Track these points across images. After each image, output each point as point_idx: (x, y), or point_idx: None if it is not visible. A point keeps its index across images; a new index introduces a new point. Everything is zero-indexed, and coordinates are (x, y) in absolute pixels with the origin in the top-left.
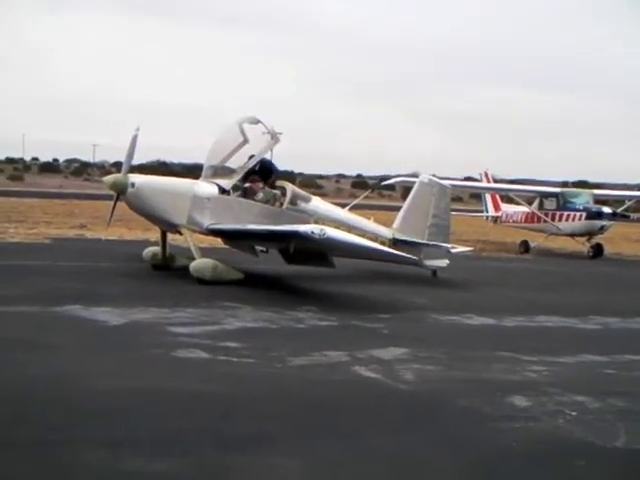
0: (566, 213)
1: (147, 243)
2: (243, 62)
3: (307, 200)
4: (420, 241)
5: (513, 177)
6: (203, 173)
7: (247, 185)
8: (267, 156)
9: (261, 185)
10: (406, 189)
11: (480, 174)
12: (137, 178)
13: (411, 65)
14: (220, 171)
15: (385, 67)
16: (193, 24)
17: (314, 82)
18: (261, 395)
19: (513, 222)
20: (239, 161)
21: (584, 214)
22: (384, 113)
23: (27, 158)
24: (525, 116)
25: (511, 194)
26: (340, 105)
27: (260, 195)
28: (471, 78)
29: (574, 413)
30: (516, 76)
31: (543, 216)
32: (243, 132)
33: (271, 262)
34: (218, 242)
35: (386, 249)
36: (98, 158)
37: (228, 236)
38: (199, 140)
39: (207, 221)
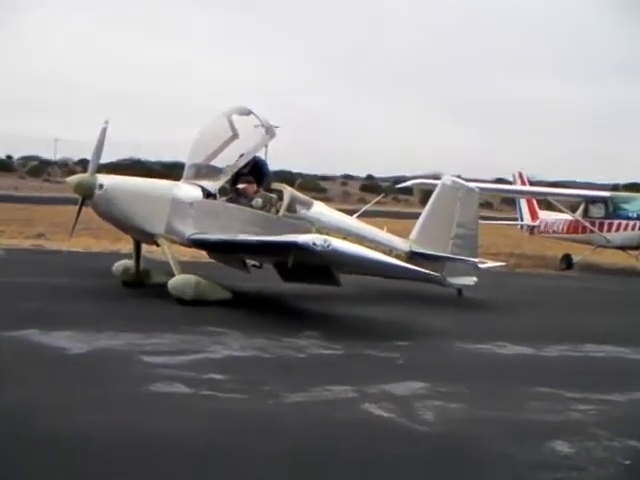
0: (617, 221)
1: (118, 256)
2: (234, 44)
3: (308, 206)
4: (443, 255)
5: (553, 179)
6: (184, 173)
7: (241, 186)
8: (261, 154)
9: (255, 188)
10: (426, 193)
11: (514, 175)
12: (106, 179)
13: (430, 50)
14: (205, 171)
15: (401, 51)
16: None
17: (318, 67)
18: (252, 437)
19: (553, 232)
20: (227, 159)
21: (638, 223)
22: (401, 104)
23: None
24: (568, 108)
25: (551, 199)
26: (348, 95)
27: (259, 201)
28: (503, 63)
29: (627, 462)
30: (558, 61)
31: (589, 225)
32: (232, 125)
33: (265, 279)
34: (202, 255)
35: (402, 264)
36: (60, 155)
37: (214, 248)
38: (180, 134)
39: (189, 230)
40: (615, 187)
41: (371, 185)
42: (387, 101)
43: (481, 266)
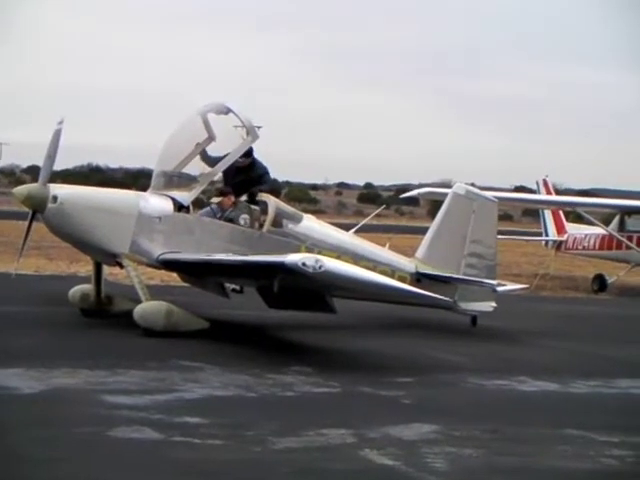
0: None
1: (75, 279)
2: (211, 32)
3: (296, 220)
4: (454, 276)
5: (583, 187)
6: (152, 182)
7: (215, 200)
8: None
9: (233, 199)
10: (434, 204)
11: (537, 182)
12: (61, 190)
13: (438, 36)
14: (176, 180)
15: (404, 40)
16: None
17: (308, 58)
18: None
19: (583, 249)
20: (202, 166)
21: None
22: (404, 100)
23: None
24: (601, 104)
25: (580, 210)
26: (344, 90)
27: (246, 218)
28: (525, 52)
29: None
30: (594, 50)
31: (625, 240)
32: (208, 126)
33: (247, 306)
34: (174, 278)
35: (406, 287)
36: (5, 161)
37: (187, 269)
38: (147, 137)
39: (158, 249)
40: None
41: (370, 195)
42: (393, 99)
43: (499, 289)
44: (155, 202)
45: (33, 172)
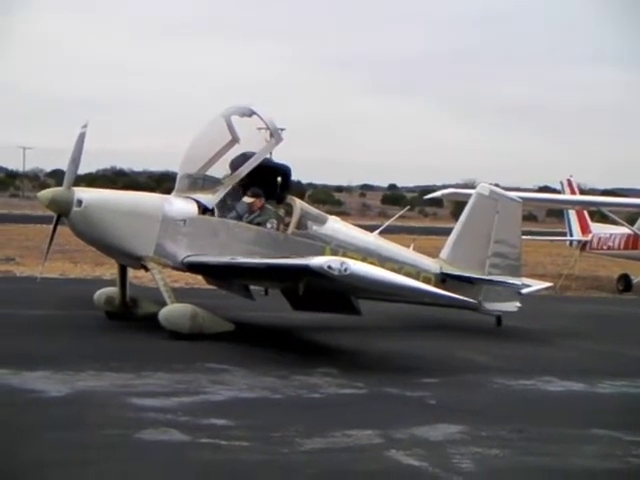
0: None
1: (99, 283)
2: (233, 36)
3: (321, 221)
4: (479, 277)
5: (607, 187)
6: (177, 185)
7: (248, 201)
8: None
9: (262, 202)
10: (458, 205)
11: (561, 183)
12: (85, 193)
13: (459, 37)
14: (200, 182)
15: (426, 42)
16: None
17: (329, 63)
18: None
19: (608, 249)
20: (226, 168)
21: None
22: (426, 103)
23: None
24: (626, 103)
25: (605, 210)
26: (365, 94)
27: (273, 222)
28: (549, 53)
29: None
30: (618, 50)
31: None
32: (231, 128)
33: (272, 307)
34: (199, 280)
35: (431, 289)
36: (30, 166)
37: (212, 272)
38: (171, 140)
39: (183, 252)
40: None
41: (394, 196)
42: (415, 102)
43: (524, 291)
44: (179, 205)
45: (57, 176)
